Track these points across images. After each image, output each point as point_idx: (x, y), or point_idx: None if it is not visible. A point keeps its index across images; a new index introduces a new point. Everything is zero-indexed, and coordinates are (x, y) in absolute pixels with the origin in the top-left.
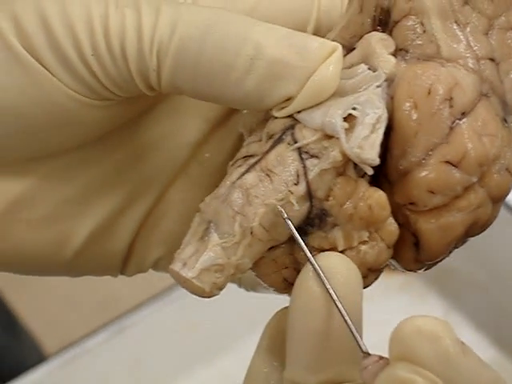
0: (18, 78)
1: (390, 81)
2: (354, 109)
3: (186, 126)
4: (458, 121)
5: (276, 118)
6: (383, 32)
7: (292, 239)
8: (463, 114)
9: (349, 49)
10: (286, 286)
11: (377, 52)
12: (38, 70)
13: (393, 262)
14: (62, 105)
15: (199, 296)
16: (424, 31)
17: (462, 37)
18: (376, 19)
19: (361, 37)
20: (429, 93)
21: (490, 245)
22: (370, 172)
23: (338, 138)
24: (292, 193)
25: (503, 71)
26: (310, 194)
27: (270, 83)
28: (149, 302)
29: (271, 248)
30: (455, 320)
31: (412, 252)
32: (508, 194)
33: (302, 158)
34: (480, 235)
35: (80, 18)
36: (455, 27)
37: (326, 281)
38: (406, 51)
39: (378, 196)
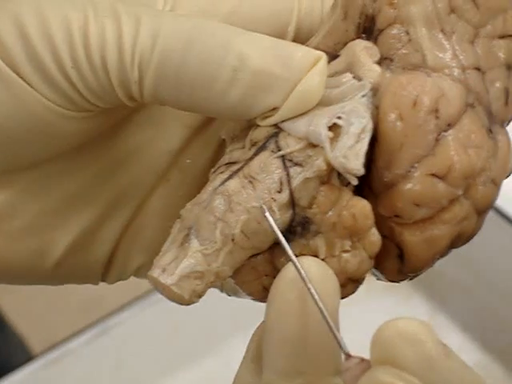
0: None
1: (375, 90)
2: (338, 118)
3: (165, 133)
4: (443, 133)
5: (259, 126)
6: (368, 40)
7: (273, 248)
8: (449, 126)
9: (332, 56)
10: (265, 295)
11: (361, 61)
12: (17, 82)
13: (376, 272)
14: (41, 117)
15: (178, 303)
16: (409, 40)
17: (447, 46)
18: (360, 26)
19: (345, 44)
20: (414, 104)
21: (474, 247)
22: (355, 182)
23: (322, 147)
24: (274, 200)
25: (489, 80)
26: (292, 202)
27: (255, 94)
28: (132, 303)
29: (252, 256)
30: (440, 322)
31: (396, 264)
32: (493, 205)
33: (285, 166)
34: None
35: (59, 29)
36: (441, 36)
37: (307, 281)
38: (391, 60)
39: (362, 205)
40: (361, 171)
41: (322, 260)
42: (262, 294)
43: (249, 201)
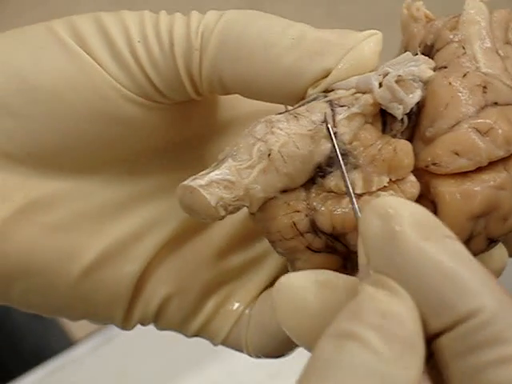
0: (60, 61)
1: (427, 83)
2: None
3: None
4: (489, 105)
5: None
6: None
7: (309, 186)
8: (495, 104)
9: None
10: (293, 235)
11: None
12: (85, 58)
13: None
14: (103, 94)
15: (203, 212)
16: (464, 53)
17: (500, 62)
18: (419, 53)
19: None
20: (464, 76)
21: None
22: (400, 112)
23: (371, 91)
24: (321, 126)
25: None
26: (335, 135)
27: (309, 58)
28: None
29: (285, 191)
30: None
31: None
32: None
33: (332, 106)
34: None
35: (131, 14)
36: (495, 54)
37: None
38: (445, 67)
39: (404, 142)
40: (407, 98)
41: (359, 196)
42: (289, 232)
43: (291, 128)
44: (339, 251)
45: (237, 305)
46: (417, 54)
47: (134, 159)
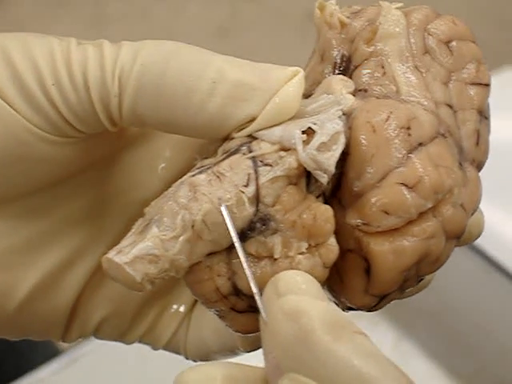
0: None
1: (348, 115)
2: (313, 124)
3: (140, 183)
4: (414, 150)
5: (234, 138)
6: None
7: (230, 248)
8: (420, 145)
9: (308, 96)
10: (217, 298)
11: (336, 91)
12: None
13: (342, 298)
14: (20, 139)
15: (129, 287)
16: (384, 73)
17: (421, 81)
18: (337, 66)
19: (320, 83)
20: (387, 119)
21: (440, 274)
22: (325, 180)
23: (294, 149)
24: (243, 192)
25: (460, 120)
26: (257, 199)
27: (233, 105)
28: None
29: (209, 255)
30: (406, 348)
31: (362, 280)
32: (462, 232)
33: (255, 165)
34: None
35: (41, 51)
36: (415, 72)
37: (254, 286)
38: (365, 91)
39: (325, 209)
40: (331, 167)
41: (275, 260)
42: (213, 296)
43: (214, 192)
44: None
45: (178, 310)
46: (336, 64)
47: (52, 188)
